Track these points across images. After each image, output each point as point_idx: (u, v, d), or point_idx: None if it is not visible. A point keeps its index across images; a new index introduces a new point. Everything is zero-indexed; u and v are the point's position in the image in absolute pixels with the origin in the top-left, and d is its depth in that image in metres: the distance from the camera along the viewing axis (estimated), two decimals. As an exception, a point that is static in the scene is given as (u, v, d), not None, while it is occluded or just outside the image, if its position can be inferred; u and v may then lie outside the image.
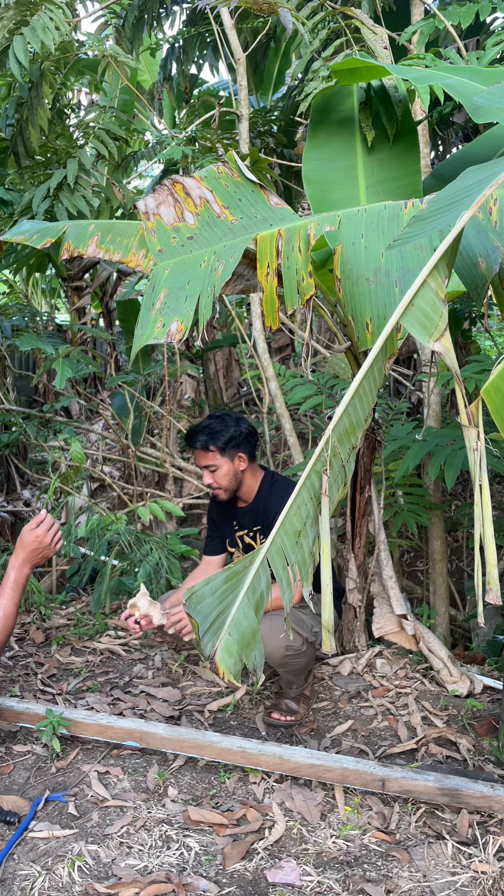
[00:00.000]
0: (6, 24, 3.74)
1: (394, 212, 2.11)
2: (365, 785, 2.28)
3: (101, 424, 6.02)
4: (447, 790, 2.19)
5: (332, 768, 2.30)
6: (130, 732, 2.47)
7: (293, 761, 2.32)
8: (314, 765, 2.31)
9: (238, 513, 2.90)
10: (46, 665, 3.17)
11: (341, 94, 3.06)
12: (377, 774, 2.26)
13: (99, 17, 5.01)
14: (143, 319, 2.33)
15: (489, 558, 1.50)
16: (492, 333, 6.20)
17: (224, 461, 2.74)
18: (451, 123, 4.81)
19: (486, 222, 1.81)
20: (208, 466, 2.76)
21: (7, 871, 2.00)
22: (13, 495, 5.61)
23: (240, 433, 2.75)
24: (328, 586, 1.70)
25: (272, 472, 2.89)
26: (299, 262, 2.17)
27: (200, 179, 2.60)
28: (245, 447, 2.77)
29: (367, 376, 1.63)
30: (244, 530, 2.91)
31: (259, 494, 2.83)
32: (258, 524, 2.84)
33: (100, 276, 6.43)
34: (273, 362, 4.37)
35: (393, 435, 3.60)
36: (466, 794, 2.18)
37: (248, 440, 2.78)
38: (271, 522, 2.74)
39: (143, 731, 2.46)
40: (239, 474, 2.78)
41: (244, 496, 2.85)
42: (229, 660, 1.71)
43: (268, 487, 2.82)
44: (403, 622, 2.95)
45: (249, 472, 2.82)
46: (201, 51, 5.73)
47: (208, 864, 2.05)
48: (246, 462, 2.78)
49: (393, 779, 2.24)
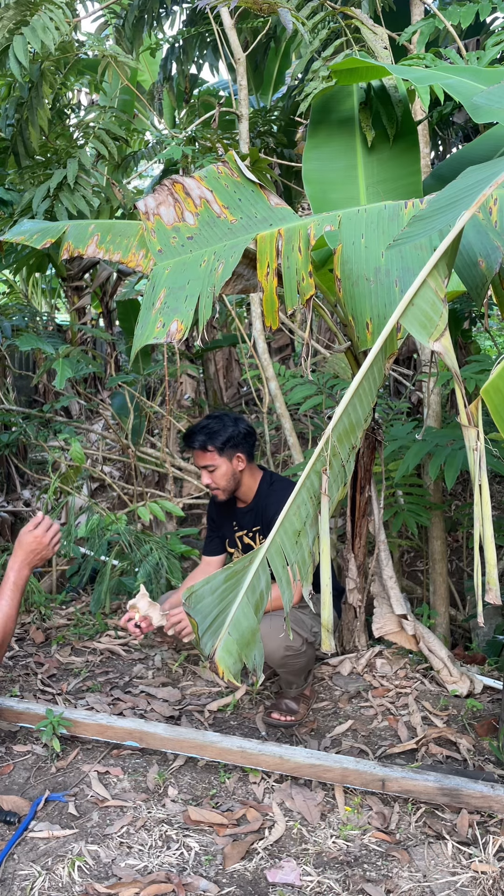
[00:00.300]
0: (6, 24, 3.74)
1: (394, 212, 2.11)
2: (365, 785, 2.28)
3: (101, 424, 6.02)
4: (447, 790, 2.19)
5: (332, 768, 2.30)
6: (130, 732, 2.47)
7: (293, 761, 2.32)
8: (314, 765, 2.31)
9: (237, 513, 2.90)
10: (46, 665, 3.17)
11: (341, 94, 3.06)
12: (377, 774, 2.26)
13: (99, 17, 5.02)
14: (143, 319, 2.33)
15: (489, 558, 1.51)
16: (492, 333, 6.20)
17: (222, 461, 2.74)
18: (451, 123, 4.81)
19: (486, 222, 1.81)
20: (206, 466, 2.75)
21: (7, 871, 2.00)
22: (13, 495, 5.61)
23: (238, 433, 2.75)
24: (328, 586, 1.70)
25: (271, 473, 2.89)
26: (299, 262, 2.17)
27: (200, 179, 2.60)
28: (243, 447, 2.77)
29: (367, 376, 1.63)
30: (243, 530, 2.91)
31: (258, 495, 2.83)
32: (257, 524, 2.84)
33: (100, 276, 6.42)
34: (273, 362, 4.37)
35: (393, 435, 3.60)
36: (466, 794, 2.18)
37: (246, 440, 2.78)
38: (270, 522, 2.75)
39: (143, 731, 2.46)
40: (237, 474, 2.78)
41: (243, 496, 2.85)
42: (229, 659, 1.71)
43: (266, 487, 2.82)
44: (403, 622, 2.95)
45: (248, 473, 2.81)
46: (201, 51, 5.74)
47: (208, 864, 2.05)
48: (244, 462, 2.78)
49: (393, 779, 2.24)
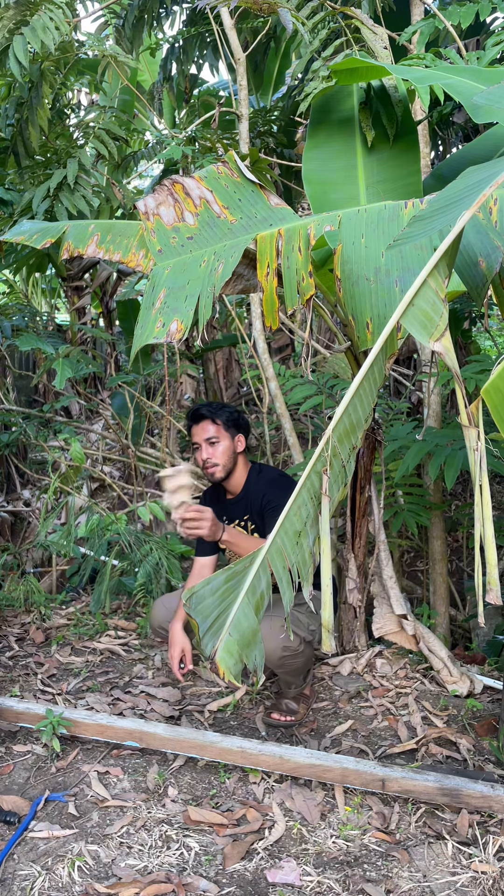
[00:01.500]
0: (6, 24, 3.74)
1: (394, 212, 2.11)
2: (365, 785, 2.28)
3: (101, 424, 6.02)
4: (447, 790, 2.19)
5: (331, 768, 2.30)
6: (130, 732, 2.47)
7: (293, 761, 2.32)
8: (314, 765, 2.31)
9: (227, 505, 2.92)
10: (46, 665, 3.17)
11: (341, 94, 3.06)
12: (377, 774, 2.26)
13: (99, 17, 5.01)
14: (142, 319, 2.33)
15: (489, 558, 1.50)
16: (492, 333, 6.20)
17: (226, 436, 2.81)
18: (451, 123, 4.80)
19: (486, 222, 1.81)
20: (210, 439, 2.79)
21: (7, 871, 2.00)
22: (13, 495, 5.61)
23: (241, 417, 2.86)
24: (328, 586, 1.70)
25: (259, 464, 2.94)
26: (299, 262, 2.17)
27: (200, 179, 2.60)
28: (243, 431, 2.86)
29: (367, 376, 1.63)
30: (234, 521, 2.93)
31: (247, 485, 2.87)
32: (247, 513, 2.87)
33: (100, 276, 6.42)
34: (273, 362, 4.36)
35: (393, 435, 3.60)
36: (466, 794, 2.18)
37: (246, 428, 2.87)
38: (260, 508, 2.77)
39: (143, 731, 2.46)
40: (235, 456, 2.83)
41: (232, 488, 2.88)
42: (230, 660, 1.71)
43: (255, 477, 2.87)
44: (403, 622, 2.95)
45: (241, 461, 2.86)
46: (201, 51, 5.73)
47: (208, 864, 2.05)
48: (243, 444, 2.85)
49: (393, 779, 2.24)
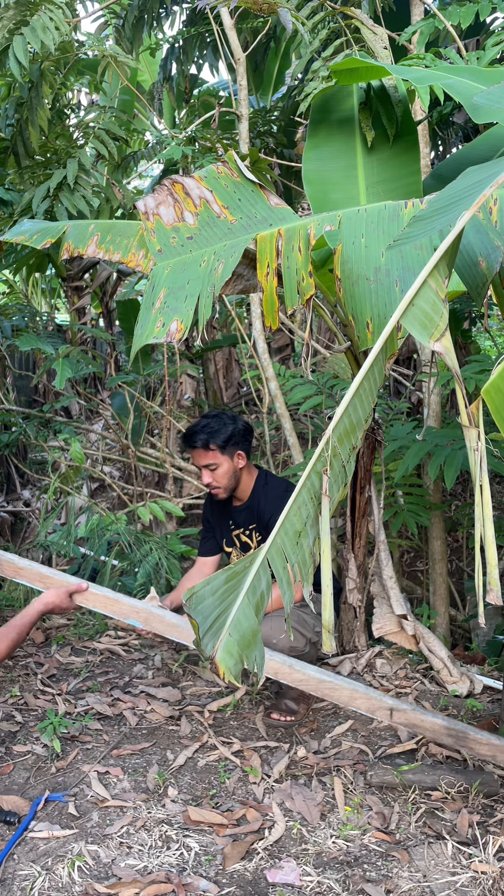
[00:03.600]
0: (6, 24, 3.73)
1: (394, 212, 2.11)
2: (371, 711, 2.23)
3: (101, 424, 6.02)
4: (454, 731, 2.16)
5: (340, 687, 2.25)
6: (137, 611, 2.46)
7: (303, 672, 2.28)
8: (323, 680, 2.26)
9: (234, 511, 2.91)
10: (46, 665, 3.17)
11: (341, 94, 3.06)
12: (386, 703, 2.22)
13: (99, 17, 5.01)
14: (142, 319, 2.33)
15: (489, 558, 1.50)
16: (492, 333, 6.20)
17: (224, 459, 2.75)
18: (451, 123, 4.81)
19: (486, 222, 1.81)
20: (208, 465, 2.76)
21: (7, 871, 2.00)
22: (13, 495, 5.62)
23: (238, 431, 2.78)
24: (328, 586, 1.70)
25: (265, 472, 2.92)
26: (299, 262, 2.17)
27: (200, 179, 2.60)
28: (243, 444, 2.80)
29: (367, 376, 1.63)
30: (240, 529, 2.92)
31: (254, 493, 2.85)
32: (253, 522, 2.85)
33: (100, 276, 6.42)
34: (273, 362, 4.36)
35: (393, 435, 3.60)
36: (473, 738, 2.15)
37: (245, 438, 2.81)
38: (267, 523, 2.76)
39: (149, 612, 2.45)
40: (238, 472, 2.80)
41: (240, 494, 2.87)
42: (230, 660, 1.71)
43: (262, 486, 2.85)
44: (403, 622, 2.95)
45: (246, 471, 2.84)
46: (201, 51, 5.73)
47: (208, 864, 2.05)
48: (244, 459, 2.80)
49: (401, 710, 2.21)
